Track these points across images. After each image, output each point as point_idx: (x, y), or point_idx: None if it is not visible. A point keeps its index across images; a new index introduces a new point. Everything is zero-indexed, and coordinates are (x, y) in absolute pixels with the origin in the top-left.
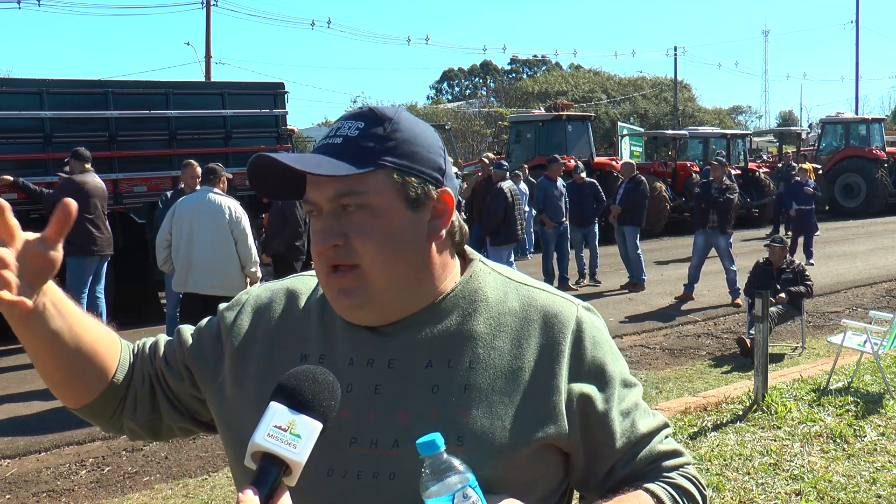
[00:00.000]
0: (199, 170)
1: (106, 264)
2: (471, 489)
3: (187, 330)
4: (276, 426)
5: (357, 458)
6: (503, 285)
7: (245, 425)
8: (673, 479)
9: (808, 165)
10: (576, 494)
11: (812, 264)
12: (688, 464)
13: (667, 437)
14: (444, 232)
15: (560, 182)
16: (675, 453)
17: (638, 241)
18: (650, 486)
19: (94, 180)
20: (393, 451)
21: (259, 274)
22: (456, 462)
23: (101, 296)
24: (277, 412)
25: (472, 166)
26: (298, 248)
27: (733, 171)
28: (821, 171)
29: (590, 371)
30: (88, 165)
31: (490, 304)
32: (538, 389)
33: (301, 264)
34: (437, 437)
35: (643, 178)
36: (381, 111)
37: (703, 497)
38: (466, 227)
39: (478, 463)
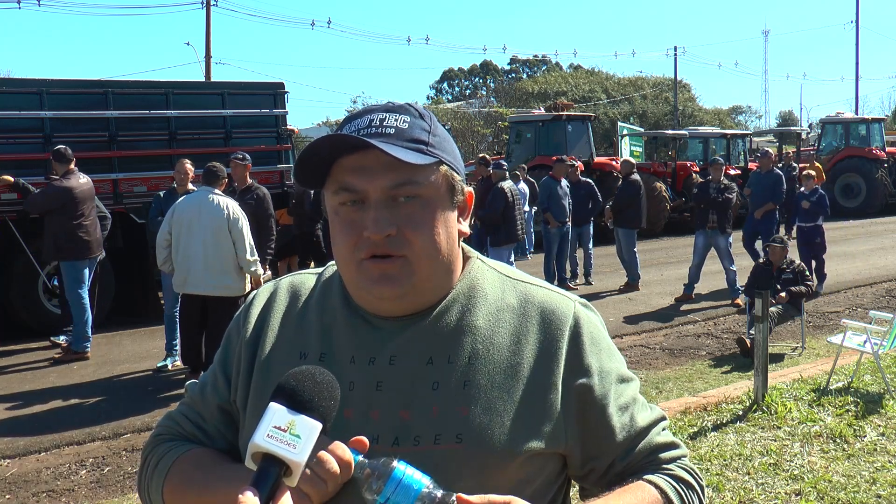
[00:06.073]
0: (189, 166)
1: (95, 265)
2: (401, 464)
3: (210, 379)
4: (275, 426)
5: None
6: (501, 282)
7: (247, 427)
8: (672, 470)
9: (813, 168)
10: (575, 487)
11: (819, 292)
12: (684, 456)
13: (664, 429)
14: (467, 228)
15: (564, 182)
16: (673, 445)
17: (633, 243)
18: (652, 477)
19: (80, 182)
20: (394, 449)
21: (260, 271)
22: (380, 461)
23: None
24: (276, 413)
25: (472, 166)
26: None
27: (733, 171)
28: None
29: (588, 368)
30: (72, 166)
31: (488, 300)
32: (536, 388)
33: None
34: (353, 455)
35: (637, 178)
36: (417, 107)
37: (701, 488)
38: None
39: (476, 460)
